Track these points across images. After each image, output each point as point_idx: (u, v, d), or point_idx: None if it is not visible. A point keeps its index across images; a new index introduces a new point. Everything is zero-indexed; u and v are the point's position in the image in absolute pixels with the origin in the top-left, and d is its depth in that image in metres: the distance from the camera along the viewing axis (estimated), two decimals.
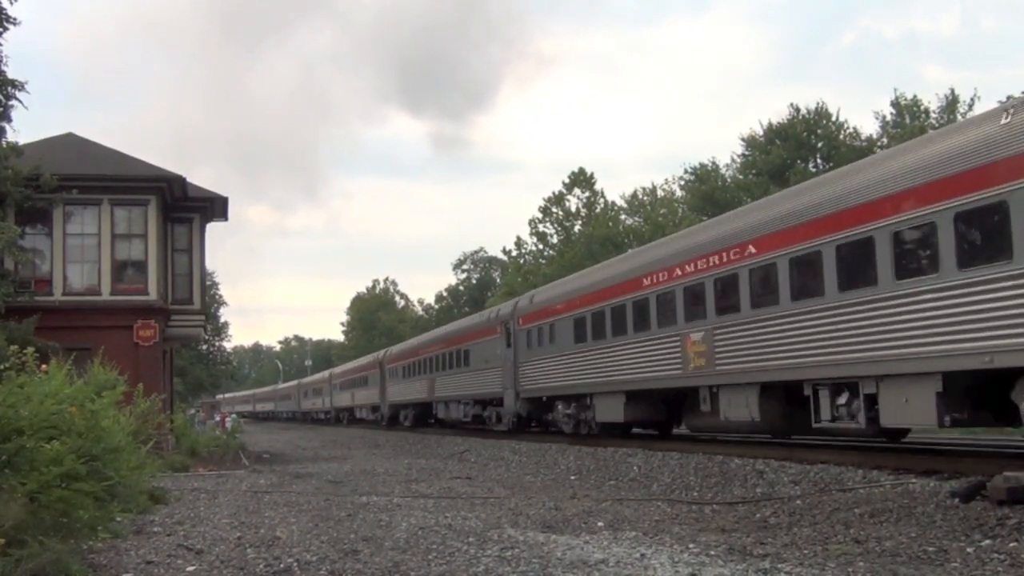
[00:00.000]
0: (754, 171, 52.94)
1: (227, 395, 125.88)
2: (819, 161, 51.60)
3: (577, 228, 64.56)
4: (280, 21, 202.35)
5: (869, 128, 54.09)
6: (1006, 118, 10.88)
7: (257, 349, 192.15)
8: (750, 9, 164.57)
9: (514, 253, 71.24)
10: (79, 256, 25.50)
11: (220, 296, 68.35)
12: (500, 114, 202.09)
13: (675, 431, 22.78)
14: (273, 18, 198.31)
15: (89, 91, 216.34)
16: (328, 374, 72.11)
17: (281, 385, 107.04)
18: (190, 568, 8.12)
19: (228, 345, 78.28)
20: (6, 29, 22.19)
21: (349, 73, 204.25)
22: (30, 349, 10.49)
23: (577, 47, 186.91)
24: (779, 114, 65.63)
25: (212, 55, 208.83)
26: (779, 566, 7.43)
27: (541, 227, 67.48)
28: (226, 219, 30.42)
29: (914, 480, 11.45)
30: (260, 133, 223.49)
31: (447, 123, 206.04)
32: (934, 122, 47.25)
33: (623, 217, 64.81)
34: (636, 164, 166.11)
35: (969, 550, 7.74)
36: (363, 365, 56.73)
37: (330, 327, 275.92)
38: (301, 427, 67.78)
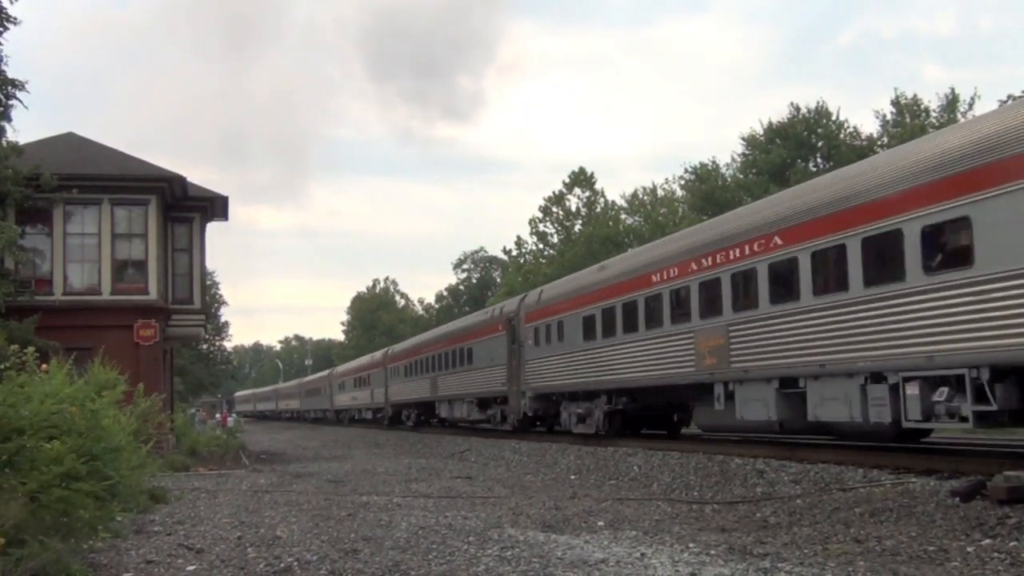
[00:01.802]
0: (754, 170, 52.91)
1: (244, 392, 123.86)
2: (819, 160, 51.56)
3: (577, 228, 64.51)
4: (273, 20, 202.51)
5: (870, 127, 54.15)
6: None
7: (257, 349, 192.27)
8: (747, 9, 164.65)
9: (514, 253, 71.21)
10: (79, 256, 25.49)
11: (220, 296, 68.46)
12: (500, 114, 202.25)
13: None
14: (266, 17, 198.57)
15: (72, 86, 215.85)
16: (382, 355, 51.09)
17: (307, 378, 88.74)
18: (190, 567, 8.12)
19: (228, 345, 78.45)
20: (6, 29, 22.19)
21: (347, 71, 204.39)
22: (30, 349, 10.50)
23: (576, 47, 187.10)
24: (779, 113, 65.71)
25: (205, 52, 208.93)
26: (779, 565, 7.43)
27: (541, 227, 67.47)
28: (226, 219, 30.42)
29: (914, 479, 11.45)
30: (256, 131, 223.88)
31: (446, 123, 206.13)
32: (934, 121, 47.21)
33: (623, 217, 64.78)
34: (636, 164, 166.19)
35: (969, 549, 7.74)
36: (462, 330, 35.20)
37: (330, 327, 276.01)
38: (302, 427, 67.54)
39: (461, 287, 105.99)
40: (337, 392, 63.30)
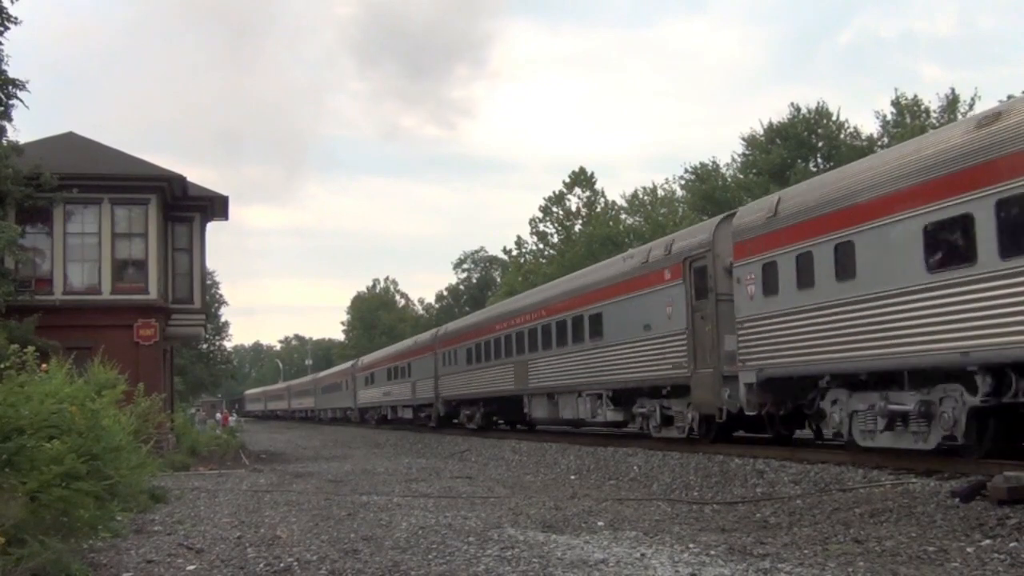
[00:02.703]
0: (755, 171, 52.94)
1: (254, 391, 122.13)
2: (819, 160, 51.58)
3: (578, 227, 64.56)
4: (271, 19, 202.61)
5: (870, 127, 54.18)
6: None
7: (257, 349, 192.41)
8: (745, 9, 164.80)
9: (514, 252, 71.29)
10: (79, 255, 25.53)
11: (220, 296, 68.52)
12: (499, 114, 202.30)
13: None
14: (263, 16, 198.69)
15: (66, 84, 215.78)
16: (430, 336, 39.67)
17: (324, 372, 76.18)
18: (190, 567, 8.12)
19: (228, 345, 78.50)
20: (7, 28, 22.19)
21: (344, 70, 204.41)
22: (30, 348, 10.53)
23: (576, 47, 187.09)
24: (778, 113, 65.76)
25: (203, 51, 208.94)
26: (779, 566, 7.42)
27: (541, 226, 67.59)
28: (226, 218, 30.50)
29: (914, 480, 11.44)
30: (254, 130, 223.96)
31: (445, 123, 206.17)
32: (934, 121, 47.22)
33: (623, 216, 64.83)
34: (636, 164, 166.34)
35: (969, 550, 7.73)
36: (577, 290, 23.43)
37: (330, 327, 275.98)
38: (303, 426, 67.39)
39: (461, 287, 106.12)
40: (363, 387, 52.63)
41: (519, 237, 69.90)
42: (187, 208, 27.83)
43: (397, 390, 43.36)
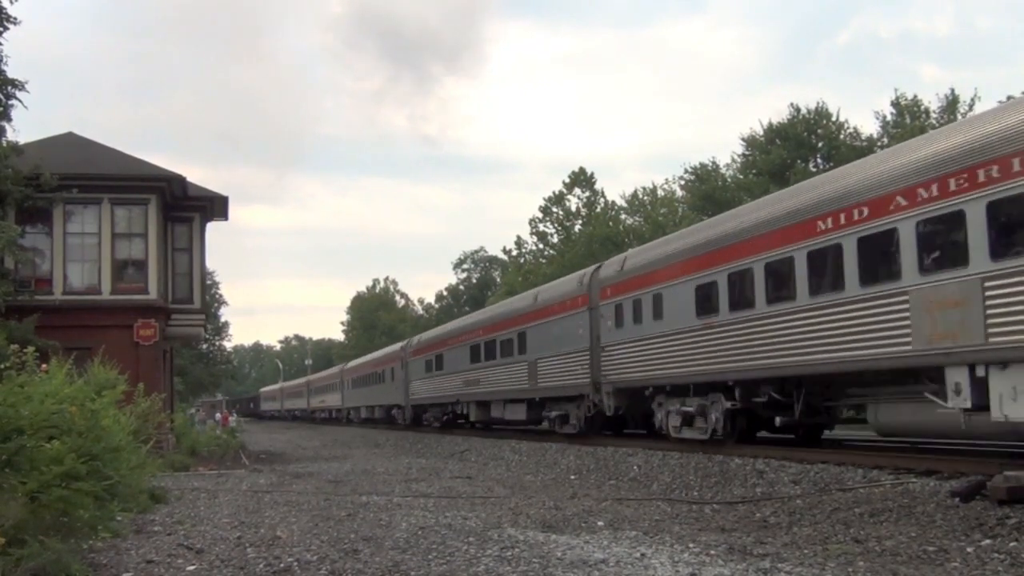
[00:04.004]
0: (754, 171, 52.90)
1: (270, 388, 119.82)
2: (819, 161, 51.56)
3: (577, 228, 64.53)
4: (270, 18, 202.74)
5: (869, 128, 54.14)
6: None
7: (257, 349, 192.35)
8: (743, 9, 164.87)
9: (514, 253, 71.25)
10: (79, 255, 25.51)
11: (220, 296, 68.53)
12: (499, 114, 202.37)
13: None
14: (262, 15, 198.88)
15: (59, 80, 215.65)
16: (577, 281, 23.93)
17: (357, 360, 59.27)
18: (190, 567, 8.12)
19: (228, 345, 78.42)
20: (6, 29, 22.19)
21: (342, 69, 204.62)
22: (30, 348, 10.55)
23: (575, 47, 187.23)
24: (776, 113, 65.77)
25: (202, 49, 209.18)
26: (779, 565, 7.43)
27: (541, 227, 67.52)
28: (226, 218, 30.46)
29: (914, 480, 11.45)
30: (253, 128, 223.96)
31: (445, 123, 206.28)
32: (934, 122, 47.18)
33: (623, 217, 64.78)
34: (636, 164, 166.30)
35: (969, 550, 7.74)
36: None
37: (330, 327, 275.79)
38: (301, 426, 67.40)
39: (461, 287, 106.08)
40: (420, 375, 38.31)
41: (519, 237, 69.89)
42: (187, 208, 27.82)
43: (493, 377, 28.97)
